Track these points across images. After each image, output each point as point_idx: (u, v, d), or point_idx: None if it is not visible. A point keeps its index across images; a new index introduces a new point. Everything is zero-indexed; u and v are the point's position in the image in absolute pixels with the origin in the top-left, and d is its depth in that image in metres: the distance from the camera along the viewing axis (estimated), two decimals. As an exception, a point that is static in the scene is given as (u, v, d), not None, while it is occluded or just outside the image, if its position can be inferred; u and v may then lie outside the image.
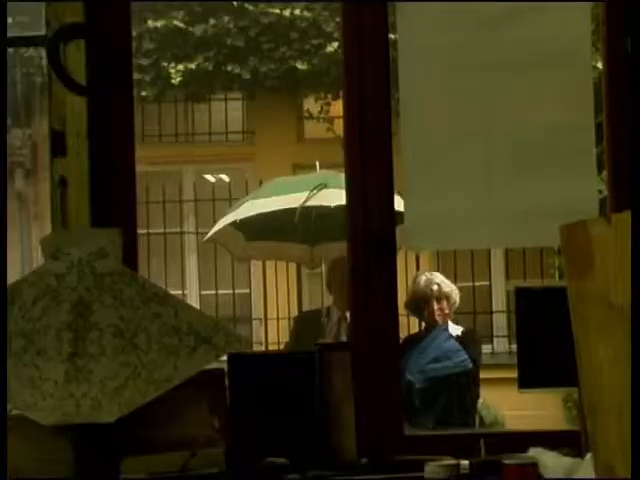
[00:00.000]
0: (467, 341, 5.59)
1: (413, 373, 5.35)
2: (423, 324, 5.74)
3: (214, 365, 3.09)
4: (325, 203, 6.78)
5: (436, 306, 5.53)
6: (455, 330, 5.64)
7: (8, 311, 3.03)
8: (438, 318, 5.54)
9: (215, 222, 7.87)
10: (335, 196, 6.75)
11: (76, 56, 3.18)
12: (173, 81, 10.15)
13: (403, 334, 5.07)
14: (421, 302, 5.55)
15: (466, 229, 3.32)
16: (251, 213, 7.17)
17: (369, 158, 3.29)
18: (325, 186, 6.88)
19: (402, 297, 3.82)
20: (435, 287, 5.57)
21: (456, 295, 5.63)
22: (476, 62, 3.27)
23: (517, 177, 3.27)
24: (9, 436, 2.81)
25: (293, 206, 6.90)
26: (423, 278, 5.73)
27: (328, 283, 6.21)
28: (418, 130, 3.29)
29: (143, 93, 9.90)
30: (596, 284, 2.16)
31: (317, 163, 7.52)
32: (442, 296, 5.55)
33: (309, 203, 6.86)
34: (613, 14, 3.28)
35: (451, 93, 3.28)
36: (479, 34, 3.27)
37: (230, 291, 10.49)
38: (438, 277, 5.72)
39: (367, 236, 3.27)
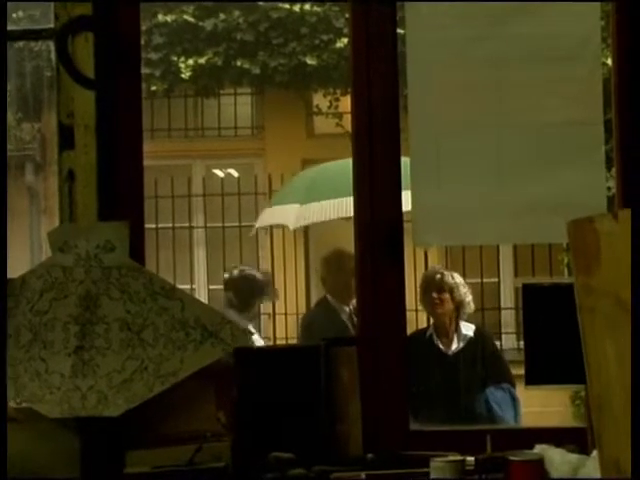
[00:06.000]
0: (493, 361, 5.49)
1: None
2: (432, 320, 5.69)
3: (220, 359, 3.09)
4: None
5: (435, 295, 5.39)
6: (467, 329, 5.52)
7: (16, 303, 3.04)
8: (438, 308, 5.40)
9: (224, 217, 7.95)
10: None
11: (84, 49, 3.19)
12: (183, 76, 10.14)
13: (411, 330, 5.04)
14: (425, 292, 5.47)
15: (475, 225, 3.31)
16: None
17: (377, 154, 3.29)
18: None
19: (410, 294, 3.80)
20: (438, 276, 5.45)
21: (464, 294, 5.44)
22: (484, 57, 3.26)
23: (526, 172, 3.26)
24: (18, 428, 2.81)
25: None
26: (431, 270, 5.70)
27: (322, 279, 6.14)
28: (426, 126, 3.29)
29: (153, 88, 9.90)
30: (603, 280, 2.16)
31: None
32: (445, 287, 5.40)
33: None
34: (622, 11, 3.26)
35: (459, 88, 3.28)
36: (488, 29, 3.26)
37: (238, 286, 10.46)
38: (446, 271, 5.64)
39: (375, 231, 3.27)
